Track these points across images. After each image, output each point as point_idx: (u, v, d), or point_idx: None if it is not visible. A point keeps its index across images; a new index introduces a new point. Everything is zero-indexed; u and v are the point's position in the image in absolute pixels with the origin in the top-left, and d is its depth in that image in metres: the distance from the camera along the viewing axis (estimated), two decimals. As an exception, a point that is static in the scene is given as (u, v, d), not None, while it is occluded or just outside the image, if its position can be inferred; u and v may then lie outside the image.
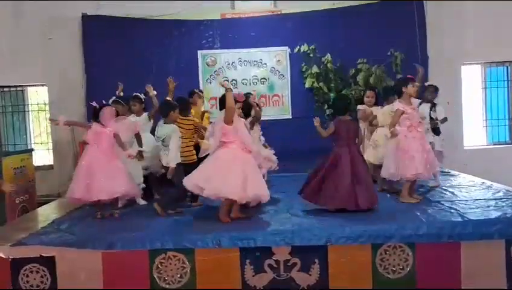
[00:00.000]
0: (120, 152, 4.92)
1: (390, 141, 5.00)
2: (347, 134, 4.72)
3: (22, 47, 8.29)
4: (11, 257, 3.98)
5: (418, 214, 4.45)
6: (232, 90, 4.55)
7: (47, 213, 5.39)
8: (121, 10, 8.09)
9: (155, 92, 5.60)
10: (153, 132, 5.71)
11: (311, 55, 8.00)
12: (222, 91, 4.56)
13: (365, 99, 6.29)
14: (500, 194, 5.09)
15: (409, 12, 7.96)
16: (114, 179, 4.69)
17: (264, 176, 5.16)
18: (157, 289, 3.99)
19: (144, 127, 5.78)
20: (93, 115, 4.88)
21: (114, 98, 5.60)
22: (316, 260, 3.99)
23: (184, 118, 5.27)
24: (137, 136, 5.38)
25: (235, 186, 4.31)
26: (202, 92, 6.59)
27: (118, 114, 5.21)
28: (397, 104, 4.91)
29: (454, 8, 8.23)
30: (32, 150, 7.49)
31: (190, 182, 4.48)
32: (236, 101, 4.54)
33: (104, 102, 5.02)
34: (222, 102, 4.58)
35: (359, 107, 6.27)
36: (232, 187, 4.31)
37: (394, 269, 4.01)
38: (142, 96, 5.81)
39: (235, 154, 4.45)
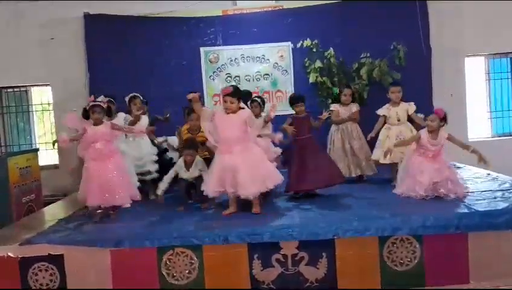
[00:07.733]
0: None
1: None
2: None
3: (24, 47, 8.27)
4: (19, 256, 4.01)
5: (425, 206, 4.45)
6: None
7: (54, 212, 5.43)
8: (122, 8, 8.07)
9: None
10: None
11: (314, 50, 7.95)
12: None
13: (342, 98, 6.32)
14: (507, 185, 5.10)
15: (411, 4, 7.92)
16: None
17: None
18: (167, 285, 4.02)
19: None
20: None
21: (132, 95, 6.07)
22: (324, 254, 4.01)
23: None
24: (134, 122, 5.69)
25: (213, 185, 4.67)
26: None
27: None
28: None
29: (456, 0, 8.19)
30: (37, 149, 7.49)
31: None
32: (225, 95, 4.77)
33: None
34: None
35: (332, 107, 6.37)
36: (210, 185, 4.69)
37: (402, 261, 4.02)
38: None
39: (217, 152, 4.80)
